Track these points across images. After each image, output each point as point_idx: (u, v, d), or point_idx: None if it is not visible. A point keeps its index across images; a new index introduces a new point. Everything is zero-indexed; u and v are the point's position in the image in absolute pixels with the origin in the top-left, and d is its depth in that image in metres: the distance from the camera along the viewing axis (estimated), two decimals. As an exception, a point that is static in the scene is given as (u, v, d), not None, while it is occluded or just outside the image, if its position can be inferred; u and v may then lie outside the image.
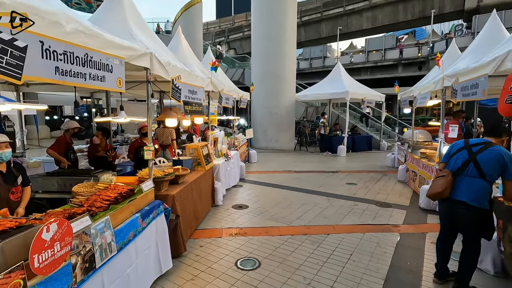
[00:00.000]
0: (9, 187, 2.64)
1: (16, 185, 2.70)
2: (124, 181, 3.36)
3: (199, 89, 4.72)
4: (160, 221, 3.12)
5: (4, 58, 1.58)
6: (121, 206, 2.54)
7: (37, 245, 1.59)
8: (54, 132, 18.31)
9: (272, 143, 13.45)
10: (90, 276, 2.02)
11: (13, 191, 2.67)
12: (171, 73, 3.66)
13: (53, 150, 4.33)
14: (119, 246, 2.37)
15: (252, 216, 4.97)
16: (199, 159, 5.01)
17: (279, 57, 12.94)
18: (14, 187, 2.68)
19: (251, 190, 6.67)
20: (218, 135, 6.64)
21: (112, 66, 2.52)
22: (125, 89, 2.74)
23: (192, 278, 3.10)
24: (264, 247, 3.83)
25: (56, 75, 1.93)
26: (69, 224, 1.84)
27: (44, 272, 1.65)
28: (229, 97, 7.04)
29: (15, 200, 2.70)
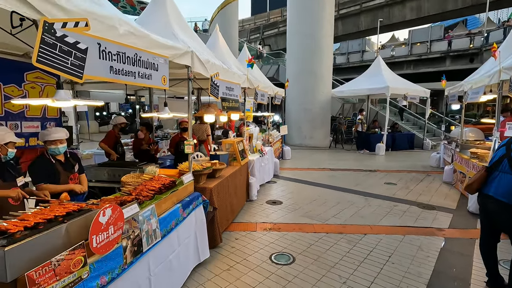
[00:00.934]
0: (68, 174, 2.95)
1: (73, 172, 3.01)
2: (165, 173, 3.57)
3: (236, 85, 4.82)
4: (199, 212, 3.27)
5: (69, 59, 1.77)
6: (165, 196, 2.71)
7: (95, 227, 1.77)
8: (102, 127, 19.87)
9: (306, 140, 13.28)
10: (138, 259, 2.20)
11: (71, 177, 2.98)
12: (210, 70, 3.78)
13: (104, 144, 4.73)
14: (163, 233, 2.54)
15: (286, 212, 4.98)
16: (235, 154, 5.13)
17: (315, 54, 12.68)
18: (72, 174, 2.99)
19: (285, 187, 6.67)
20: (253, 131, 6.72)
21: (158, 64, 2.68)
22: (168, 86, 2.90)
23: (228, 268, 3.21)
24: (298, 243, 3.83)
25: (110, 74, 2.11)
26: (121, 210, 2.01)
27: (100, 251, 1.83)
28: (264, 94, 7.08)
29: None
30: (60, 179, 2.85)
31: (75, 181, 3.02)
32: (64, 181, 2.89)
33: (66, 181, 2.91)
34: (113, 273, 1.94)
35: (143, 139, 5.07)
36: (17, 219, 1.63)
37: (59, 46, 1.69)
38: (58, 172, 2.85)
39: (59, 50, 1.69)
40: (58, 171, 2.86)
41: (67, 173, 2.94)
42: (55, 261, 1.53)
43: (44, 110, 3.76)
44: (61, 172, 2.88)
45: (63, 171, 2.89)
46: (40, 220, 1.61)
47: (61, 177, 2.87)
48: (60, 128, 2.89)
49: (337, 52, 27.23)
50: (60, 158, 2.92)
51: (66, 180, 2.92)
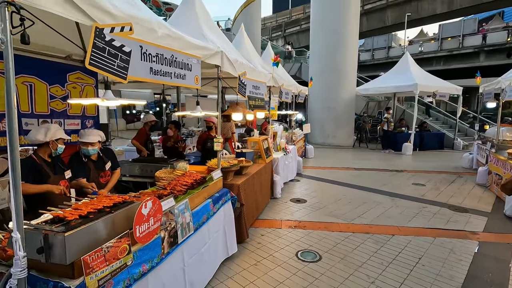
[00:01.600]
0: (99, 172, 3.12)
1: (104, 170, 3.18)
2: (194, 169, 3.70)
3: (261, 84, 4.88)
4: (228, 207, 3.36)
5: (116, 61, 1.90)
6: (197, 191, 2.83)
7: (138, 218, 1.90)
8: (128, 125, 20.68)
9: (329, 139, 13.10)
10: (173, 250, 2.32)
11: (102, 175, 3.15)
12: (238, 69, 3.86)
13: (136, 141, 4.97)
14: (195, 226, 2.65)
15: (310, 211, 4.99)
16: (260, 152, 5.19)
17: (340, 51, 12.45)
18: (103, 172, 3.16)
19: (308, 185, 6.65)
20: (277, 130, 6.76)
21: (191, 65, 2.79)
22: (200, 86, 3.01)
23: (256, 263, 3.29)
24: (324, 241, 3.83)
25: (150, 75, 2.23)
26: (160, 203, 2.13)
27: (142, 241, 1.96)
28: (289, 92, 7.08)
29: (104, 182, 3.18)
30: (90, 176, 3.02)
31: (105, 179, 3.18)
32: (94, 178, 3.04)
33: (96, 178, 3.07)
34: (153, 262, 2.06)
35: (172, 136, 5.26)
36: (71, 208, 1.78)
37: (107, 50, 1.82)
38: (89, 169, 3.03)
39: (108, 53, 1.83)
40: (89, 168, 3.03)
41: (98, 171, 3.10)
42: (105, 248, 1.67)
43: (84, 109, 4.01)
44: (92, 170, 3.05)
45: (93, 169, 3.06)
46: (91, 210, 1.75)
47: (91, 174, 3.04)
48: (96, 131, 3.02)
49: (361, 49, 26.49)
50: (93, 157, 3.09)
51: (96, 177, 3.08)
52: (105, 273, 1.66)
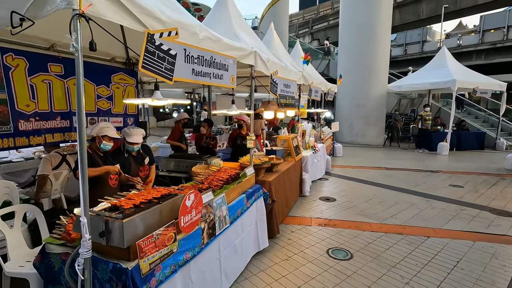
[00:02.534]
0: (139, 166, 3.33)
1: (143, 165, 3.39)
2: (227, 166, 3.83)
3: (292, 82, 4.91)
4: (260, 203, 3.46)
5: (163, 64, 2.06)
6: (232, 186, 2.95)
7: (183, 209, 2.05)
8: (159, 123, 21.52)
9: (358, 138, 12.80)
10: (212, 241, 2.46)
11: (141, 169, 3.37)
12: (270, 68, 3.93)
13: (171, 140, 5.19)
14: (231, 220, 2.78)
15: (340, 210, 4.95)
16: (290, 150, 5.24)
17: (370, 46, 12.08)
18: (142, 166, 3.38)
19: (337, 184, 6.59)
20: (306, 128, 6.75)
21: (228, 65, 2.91)
22: (236, 85, 3.12)
23: (287, 258, 3.36)
24: (355, 240, 3.81)
25: (192, 76, 2.38)
26: (201, 196, 2.27)
27: (186, 230, 2.11)
28: (318, 90, 7.04)
29: (143, 176, 3.39)
30: (131, 170, 3.24)
31: (144, 173, 3.39)
32: (134, 172, 3.26)
33: (136, 173, 3.28)
34: (194, 251, 2.21)
35: (204, 134, 5.46)
36: (126, 198, 1.97)
37: (157, 53, 1.98)
38: (130, 164, 3.25)
39: (157, 57, 1.98)
40: (130, 164, 3.25)
41: (138, 165, 3.31)
42: (155, 235, 1.83)
43: (126, 108, 4.31)
44: (132, 164, 3.27)
45: (134, 164, 3.28)
46: (143, 200, 1.93)
47: (131, 168, 3.25)
48: (140, 131, 3.20)
49: (393, 44, 25.40)
50: (134, 152, 3.29)
51: (136, 171, 3.29)
52: (155, 257, 1.82)
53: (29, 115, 3.19)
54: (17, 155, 4.53)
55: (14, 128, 3.05)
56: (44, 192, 3.71)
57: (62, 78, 3.48)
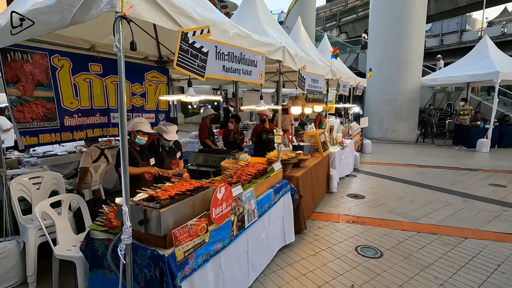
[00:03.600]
0: (171, 160, 3.48)
1: (175, 158, 3.53)
2: (255, 160, 3.88)
3: (320, 77, 4.84)
4: (287, 198, 3.48)
5: (196, 61, 2.13)
6: (260, 180, 3.00)
7: (214, 201, 2.12)
8: (186, 119, 22.13)
9: (388, 134, 12.31)
10: (240, 233, 2.52)
11: (173, 162, 3.51)
12: (298, 63, 3.91)
13: (202, 139, 5.30)
14: (259, 213, 2.83)
15: (369, 207, 4.84)
16: (317, 146, 5.18)
17: (403, 38, 11.52)
18: (174, 160, 3.52)
19: (366, 181, 6.42)
20: (334, 123, 6.62)
21: (257, 61, 2.94)
22: (264, 81, 3.14)
23: (314, 254, 3.36)
24: (385, 239, 3.71)
25: (223, 72, 2.43)
26: (231, 189, 2.34)
27: (217, 222, 2.19)
28: (346, 84, 6.86)
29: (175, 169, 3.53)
30: (164, 163, 3.39)
31: (176, 166, 3.54)
32: (167, 166, 3.41)
33: (169, 166, 3.43)
34: (224, 242, 2.29)
35: (232, 129, 5.56)
36: (161, 190, 2.08)
37: (190, 51, 2.05)
38: (163, 158, 3.40)
39: (190, 55, 2.06)
40: (163, 157, 3.40)
41: (170, 159, 3.47)
42: (189, 225, 1.92)
43: (157, 104, 4.51)
44: (165, 158, 3.42)
45: (167, 157, 3.43)
46: (177, 192, 2.02)
47: (165, 161, 3.40)
48: (174, 128, 3.32)
49: (427, 34, 23.94)
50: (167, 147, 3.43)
51: (169, 164, 3.44)
52: (189, 246, 1.91)
53: (72, 112, 3.45)
54: (61, 149, 4.91)
55: (60, 124, 3.32)
56: (85, 183, 3.99)
57: (101, 77, 3.71)
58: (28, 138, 3.03)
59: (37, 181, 3.11)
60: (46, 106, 3.16)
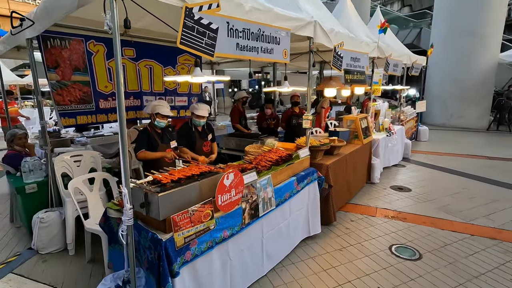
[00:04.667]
0: (202, 141, 3.48)
1: (206, 140, 3.53)
2: (284, 146, 3.68)
3: (362, 55, 4.34)
4: (313, 187, 3.25)
5: (203, 39, 2.00)
6: (281, 168, 2.82)
7: (220, 187, 2.03)
8: (235, 103, 22.38)
9: (452, 120, 10.82)
10: (254, 221, 2.41)
11: (204, 144, 3.51)
12: (334, 40, 3.52)
13: (234, 122, 5.25)
14: (277, 202, 2.67)
15: (414, 202, 4.31)
16: (357, 132, 4.74)
17: (478, 7, 9.76)
18: (205, 141, 3.52)
19: (416, 172, 5.74)
20: (380, 107, 5.99)
21: (280, 38, 2.69)
22: (289, 60, 2.89)
23: (341, 248, 3.11)
24: (428, 239, 3.26)
25: (237, 51, 2.27)
26: (242, 176, 2.22)
27: (224, 209, 2.11)
28: (398, 63, 6.08)
29: (207, 151, 3.54)
30: (196, 144, 3.41)
31: (207, 148, 3.54)
32: (199, 147, 3.44)
33: (200, 147, 3.45)
34: (233, 230, 2.21)
35: (269, 115, 5.36)
36: (168, 173, 2.06)
37: (196, 28, 1.92)
38: (195, 139, 3.42)
39: (196, 32, 1.93)
40: (195, 138, 3.42)
41: (202, 140, 3.48)
42: (191, 211, 1.87)
43: (190, 88, 4.55)
44: (197, 139, 3.43)
45: (199, 138, 3.44)
46: (182, 176, 1.98)
47: (197, 142, 3.42)
48: (206, 106, 3.36)
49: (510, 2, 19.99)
50: (200, 128, 3.47)
51: (201, 146, 3.46)
52: (190, 232, 1.87)
53: (107, 95, 3.66)
54: (109, 130, 5.33)
55: (95, 106, 3.55)
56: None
57: (134, 61, 3.84)
58: (67, 119, 3.31)
59: (77, 159, 3.40)
60: (83, 90, 3.39)
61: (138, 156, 2.92)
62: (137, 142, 2.93)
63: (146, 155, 2.94)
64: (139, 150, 2.92)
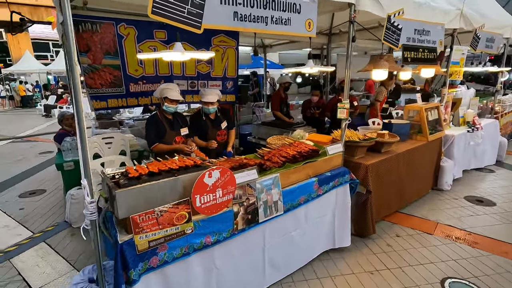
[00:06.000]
0: (216, 131, 3.18)
1: (220, 129, 3.22)
2: (317, 139, 3.12)
3: (434, 26, 3.36)
4: (342, 191, 2.66)
5: (186, 7, 1.65)
6: (296, 166, 2.34)
7: (199, 186, 1.72)
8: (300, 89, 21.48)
9: None
10: (251, 227, 2.04)
11: (218, 133, 3.21)
12: (387, 7, 2.74)
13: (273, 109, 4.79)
14: (287, 207, 2.23)
15: (496, 221, 3.26)
16: (421, 125, 3.80)
17: None
18: (219, 130, 3.21)
19: (508, 181, 4.41)
20: (461, 95, 4.72)
21: (301, 5, 2.15)
22: (315, 33, 2.31)
23: (372, 271, 2.50)
24: (505, 277, 2.37)
25: (234, 21, 1.85)
26: (232, 174, 1.86)
27: (205, 212, 1.79)
28: (495, 37, 4.63)
29: (221, 141, 3.23)
30: (208, 133, 3.13)
31: (222, 137, 3.23)
32: (212, 135, 3.14)
33: (214, 136, 3.15)
34: (220, 236, 1.88)
35: (311, 102, 4.76)
36: (146, 165, 1.84)
37: (174, -7, 1.59)
38: (207, 127, 3.13)
39: (175, -1, 1.59)
40: (207, 127, 3.13)
41: (214, 129, 3.17)
42: (158, 211, 1.61)
43: (225, 71, 4.27)
44: (209, 128, 3.14)
45: (211, 127, 3.15)
46: (154, 170, 1.72)
47: (209, 131, 3.13)
48: (215, 91, 3.06)
49: None
50: (212, 116, 3.17)
51: (214, 135, 3.16)
52: (158, 236, 1.62)
53: (137, 79, 3.66)
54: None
55: (126, 90, 3.59)
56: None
57: (165, 44, 3.73)
58: (98, 102, 3.43)
59: (109, 141, 3.51)
60: (113, 73, 3.44)
61: (154, 150, 2.77)
62: (146, 134, 2.77)
63: (161, 148, 2.75)
64: (151, 143, 2.75)
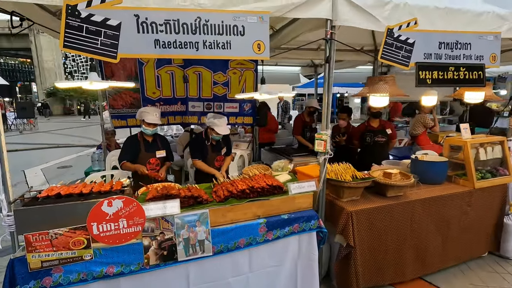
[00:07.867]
0: (215, 155, 3.11)
1: (220, 154, 3.14)
2: (305, 171, 2.72)
3: (478, 37, 2.54)
4: (308, 240, 2.20)
5: (99, 39, 1.71)
6: (238, 203, 2.07)
7: (95, 214, 1.70)
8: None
9: None
10: (168, 265, 1.89)
11: (217, 159, 3.13)
12: (387, 19, 2.23)
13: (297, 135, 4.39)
14: (219, 248, 1.98)
15: None
16: (465, 166, 2.86)
17: None
18: (218, 156, 3.13)
19: None
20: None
21: (244, 27, 1.94)
22: (268, 55, 2.05)
23: None
24: None
25: (156, 49, 1.81)
26: (139, 205, 1.78)
27: (105, 241, 1.75)
28: None
29: (219, 166, 3.15)
30: (207, 157, 3.08)
31: (219, 163, 3.14)
32: (211, 160, 3.08)
33: (212, 160, 3.09)
34: (127, 268, 1.81)
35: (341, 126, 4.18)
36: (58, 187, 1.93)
37: (85, 28, 1.67)
38: (207, 151, 3.09)
39: (86, 32, 1.68)
40: (208, 150, 3.09)
41: (214, 154, 3.10)
42: (52, 233, 1.66)
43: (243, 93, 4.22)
44: (209, 152, 3.09)
45: (211, 152, 3.09)
46: (63, 193, 1.80)
47: (208, 156, 3.08)
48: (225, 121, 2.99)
49: None
50: (213, 142, 3.10)
51: (213, 160, 3.10)
52: (52, 257, 1.67)
53: (155, 101, 3.97)
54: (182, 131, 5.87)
55: (144, 111, 3.96)
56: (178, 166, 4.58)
57: (182, 68, 3.97)
58: (119, 121, 3.87)
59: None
60: (133, 96, 3.84)
61: (122, 167, 2.89)
62: (121, 150, 2.93)
63: (127, 166, 2.86)
64: (120, 159, 2.86)
